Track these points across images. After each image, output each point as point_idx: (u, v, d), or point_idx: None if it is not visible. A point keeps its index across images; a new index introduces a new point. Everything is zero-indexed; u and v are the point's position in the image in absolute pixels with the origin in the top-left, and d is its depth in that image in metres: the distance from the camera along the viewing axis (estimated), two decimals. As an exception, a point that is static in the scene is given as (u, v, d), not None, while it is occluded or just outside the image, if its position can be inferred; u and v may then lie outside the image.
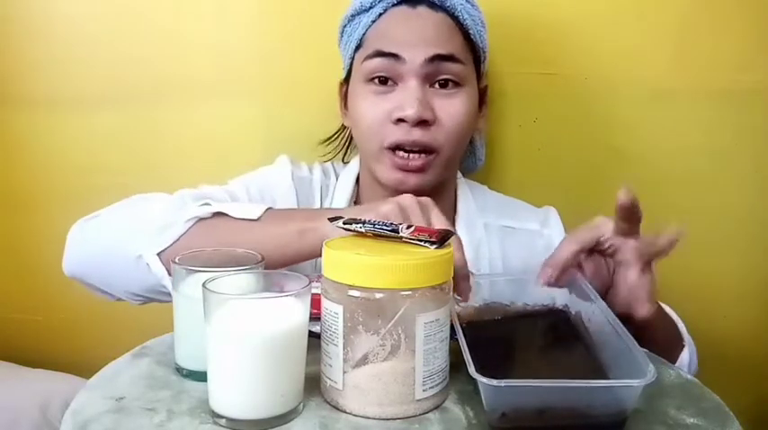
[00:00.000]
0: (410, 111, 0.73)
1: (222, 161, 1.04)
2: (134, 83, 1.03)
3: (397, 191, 0.79)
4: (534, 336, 0.59)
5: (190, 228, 0.67)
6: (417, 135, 0.74)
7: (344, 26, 0.82)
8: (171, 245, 0.66)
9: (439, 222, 0.60)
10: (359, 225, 0.54)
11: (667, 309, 0.76)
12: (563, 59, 0.97)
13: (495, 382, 0.44)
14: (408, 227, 0.53)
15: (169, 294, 0.62)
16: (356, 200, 0.87)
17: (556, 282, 0.63)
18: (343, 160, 0.93)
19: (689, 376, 0.59)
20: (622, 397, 0.46)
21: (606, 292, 0.65)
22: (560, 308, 0.61)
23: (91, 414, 0.48)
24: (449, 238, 0.53)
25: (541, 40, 0.97)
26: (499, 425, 0.47)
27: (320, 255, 0.60)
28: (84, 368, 0.64)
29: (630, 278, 0.63)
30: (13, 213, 1.11)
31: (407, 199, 0.61)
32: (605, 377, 0.50)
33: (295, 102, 0.99)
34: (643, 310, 0.63)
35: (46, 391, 0.98)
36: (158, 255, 0.67)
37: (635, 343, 0.49)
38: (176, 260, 0.56)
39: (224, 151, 1.04)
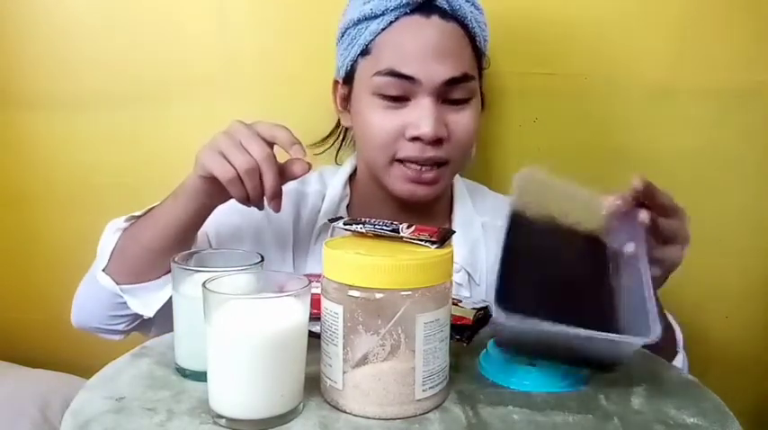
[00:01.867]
0: (426, 130, 0.73)
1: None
2: (134, 82, 1.03)
3: (407, 201, 0.80)
4: (569, 257, 0.59)
5: (117, 240, 0.75)
6: (432, 153, 0.75)
7: (348, 29, 0.78)
8: (111, 258, 0.74)
9: (264, 129, 0.66)
10: (359, 225, 0.54)
11: (669, 316, 0.75)
12: (563, 59, 0.97)
13: (502, 318, 0.46)
14: (409, 226, 0.53)
15: (133, 312, 0.74)
16: (350, 202, 0.87)
17: (618, 215, 0.61)
18: (336, 160, 0.93)
19: (689, 376, 0.59)
20: (619, 350, 0.48)
21: None
22: (605, 241, 0.60)
23: (91, 414, 0.48)
24: (449, 238, 0.53)
25: (541, 40, 0.97)
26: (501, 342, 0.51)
27: (198, 209, 0.71)
28: (84, 368, 0.64)
29: None
30: (13, 213, 1.11)
31: (234, 124, 0.67)
32: (613, 325, 0.51)
33: (296, 99, 0.99)
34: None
35: (46, 391, 0.98)
36: (105, 272, 0.74)
37: (653, 296, 0.49)
38: (175, 259, 0.56)
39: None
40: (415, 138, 0.74)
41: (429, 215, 0.84)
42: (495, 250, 0.81)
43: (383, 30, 0.75)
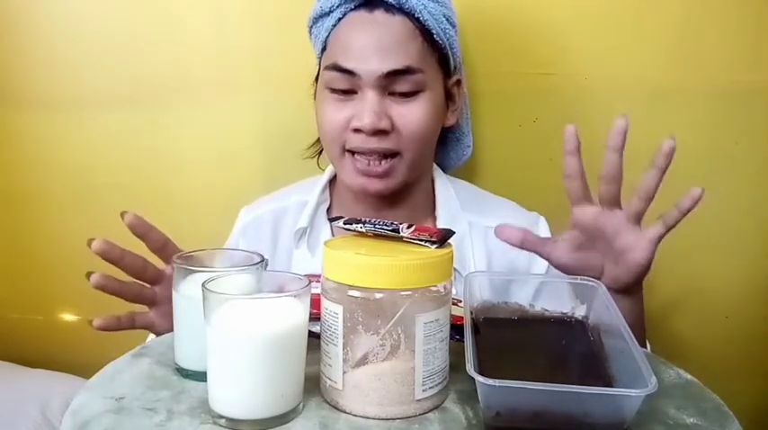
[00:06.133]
0: (366, 122, 0.74)
1: (222, 160, 1.04)
2: (133, 83, 1.03)
3: (361, 195, 0.81)
4: (546, 342, 0.58)
5: None
6: (374, 143, 0.75)
7: (311, 28, 0.82)
8: None
9: None
10: (359, 225, 0.54)
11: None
12: (562, 59, 0.97)
13: (489, 382, 0.44)
14: (409, 226, 0.53)
15: None
16: (329, 207, 0.87)
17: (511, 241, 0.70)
18: (318, 163, 0.93)
19: (689, 376, 0.58)
20: (620, 406, 0.46)
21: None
22: (579, 318, 0.61)
23: (91, 414, 0.48)
24: (449, 238, 0.53)
25: (541, 41, 0.97)
26: (494, 424, 0.47)
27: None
28: (84, 368, 0.64)
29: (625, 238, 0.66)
30: (13, 213, 1.11)
31: None
32: (611, 386, 0.50)
33: (295, 100, 0.99)
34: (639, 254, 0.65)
35: (46, 391, 0.98)
36: None
37: (643, 355, 0.48)
38: (175, 259, 0.56)
39: (224, 150, 1.04)
40: (358, 130, 0.75)
41: (409, 213, 0.84)
42: (482, 248, 0.82)
43: (333, 26, 0.78)
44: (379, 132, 0.75)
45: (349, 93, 0.77)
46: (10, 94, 1.06)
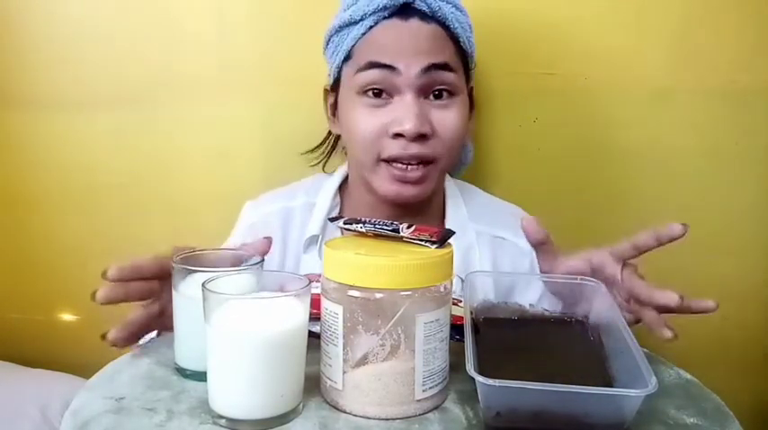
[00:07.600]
0: (408, 126, 0.73)
1: (222, 161, 1.04)
2: (134, 83, 1.03)
3: (394, 202, 0.79)
4: (546, 342, 0.58)
5: None
6: (415, 149, 0.74)
7: (331, 36, 0.81)
8: None
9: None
10: (359, 225, 0.54)
11: None
12: (562, 59, 0.97)
13: (489, 382, 0.44)
14: (409, 226, 0.53)
15: None
16: (340, 212, 0.86)
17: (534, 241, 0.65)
18: (323, 169, 0.93)
19: (689, 376, 0.59)
20: (620, 406, 0.46)
21: None
22: (579, 318, 0.61)
23: (91, 414, 0.48)
24: (449, 238, 0.53)
25: (541, 41, 0.97)
26: (494, 424, 0.47)
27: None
28: (84, 368, 0.64)
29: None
30: (12, 213, 1.11)
31: None
32: (612, 386, 0.50)
33: (295, 101, 0.99)
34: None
35: (46, 391, 0.98)
36: None
37: (643, 356, 0.49)
38: (175, 259, 0.56)
39: (224, 151, 1.04)
40: (398, 135, 0.74)
41: (422, 221, 0.83)
42: (489, 259, 0.81)
43: (363, 35, 0.76)
44: (420, 137, 0.74)
45: (384, 97, 0.75)
46: (10, 94, 1.06)
